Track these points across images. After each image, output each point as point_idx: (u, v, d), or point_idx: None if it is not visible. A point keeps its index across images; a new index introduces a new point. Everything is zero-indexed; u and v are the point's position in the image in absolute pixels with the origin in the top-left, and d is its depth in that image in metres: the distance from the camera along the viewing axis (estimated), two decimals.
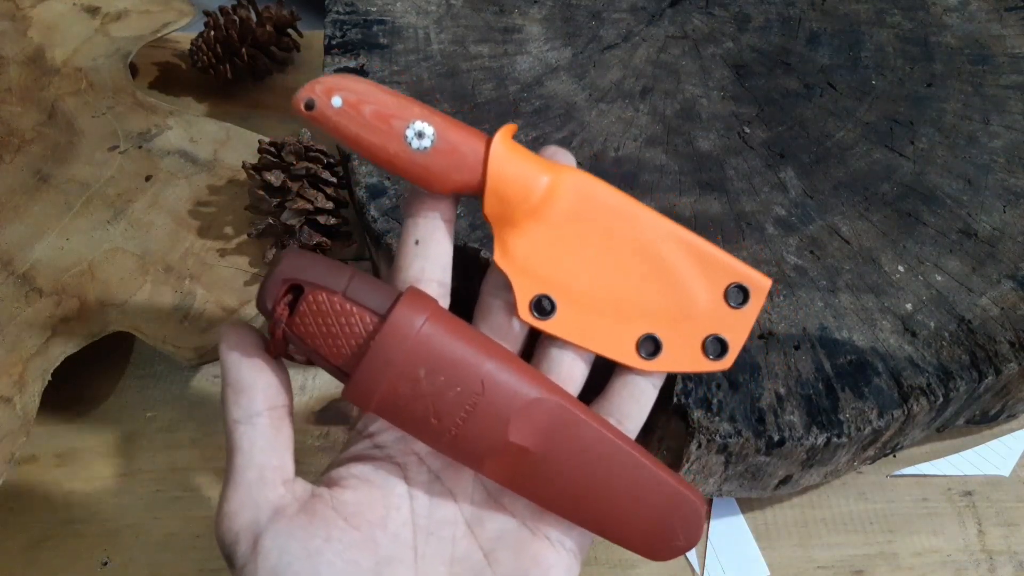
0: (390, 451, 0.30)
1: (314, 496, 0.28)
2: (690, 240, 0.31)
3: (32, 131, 0.53)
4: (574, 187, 0.31)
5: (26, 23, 0.59)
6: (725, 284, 0.31)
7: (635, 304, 0.31)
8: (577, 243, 0.31)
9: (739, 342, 0.31)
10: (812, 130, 0.45)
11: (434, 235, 0.30)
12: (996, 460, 0.47)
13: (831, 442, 0.35)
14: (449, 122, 0.30)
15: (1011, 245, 0.40)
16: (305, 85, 0.29)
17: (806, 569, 0.43)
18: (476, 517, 0.30)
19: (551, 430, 0.28)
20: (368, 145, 0.29)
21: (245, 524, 0.27)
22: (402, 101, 0.29)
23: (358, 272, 0.28)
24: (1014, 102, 0.46)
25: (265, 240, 0.48)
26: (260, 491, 0.27)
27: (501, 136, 0.30)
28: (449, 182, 0.29)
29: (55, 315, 0.45)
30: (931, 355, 0.37)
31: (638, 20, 0.50)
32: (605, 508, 0.29)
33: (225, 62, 0.61)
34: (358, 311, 0.27)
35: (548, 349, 0.31)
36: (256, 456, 0.27)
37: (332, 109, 0.29)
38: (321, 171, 0.48)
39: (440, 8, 0.50)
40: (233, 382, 0.28)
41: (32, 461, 0.46)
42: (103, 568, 0.43)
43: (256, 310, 0.46)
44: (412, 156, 0.29)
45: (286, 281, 0.27)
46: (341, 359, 0.27)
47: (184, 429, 0.48)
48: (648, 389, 0.32)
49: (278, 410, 0.28)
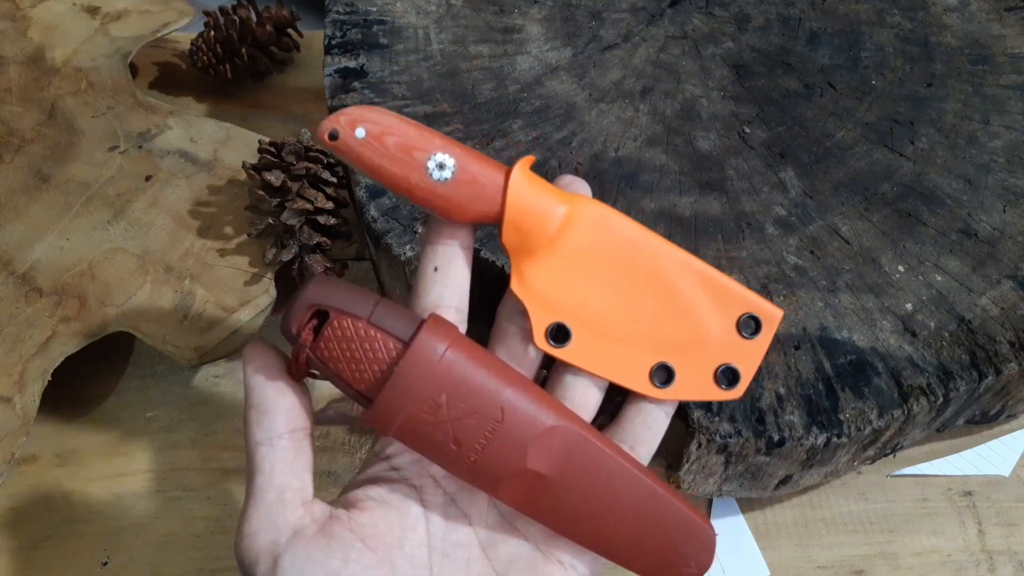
0: (406, 473, 0.30)
1: (332, 517, 0.28)
2: (703, 270, 0.32)
3: (32, 131, 0.53)
4: (590, 218, 0.31)
5: (26, 23, 0.59)
6: (738, 314, 0.32)
7: (649, 333, 0.31)
8: (592, 272, 0.31)
9: (751, 372, 0.32)
10: (812, 130, 0.45)
11: (453, 263, 0.31)
12: (996, 460, 0.47)
13: (831, 442, 0.35)
14: (469, 153, 0.30)
15: (1011, 245, 0.40)
16: (330, 116, 0.30)
17: (806, 569, 0.43)
18: (490, 540, 0.31)
19: (567, 457, 0.28)
20: (390, 175, 0.30)
21: (265, 545, 0.27)
22: (424, 133, 0.30)
23: (383, 299, 0.28)
24: (1014, 102, 0.46)
25: (265, 240, 0.48)
26: (280, 512, 0.27)
27: (520, 168, 0.30)
28: (468, 212, 0.30)
29: (55, 315, 0.45)
30: (931, 355, 0.37)
31: (638, 20, 0.50)
32: (618, 534, 0.29)
33: (225, 62, 0.61)
34: (382, 337, 0.27)
35: (563, 376, 0.32)
36: (276, 478, 0.28)
37: (355, 140, 0.29)
38: (321, 171, 0.48)
39: (440, 8, 0.50)
40: (256, 404, 0.28)
41: (32, 461, 0.46)
42: (103, 568, 0.43)
43: (254, 312, 0.46)
44: (433, 187, 0.30)
45: (312, 307, 0.27)
46: (364, 384, 0.27)
47: (184, 429, 0.48)
48: (660, 417, 0.32)
49: (298, 432, 0.28)
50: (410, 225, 0.40)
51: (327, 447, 0.46)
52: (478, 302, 0.34)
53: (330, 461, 0.46)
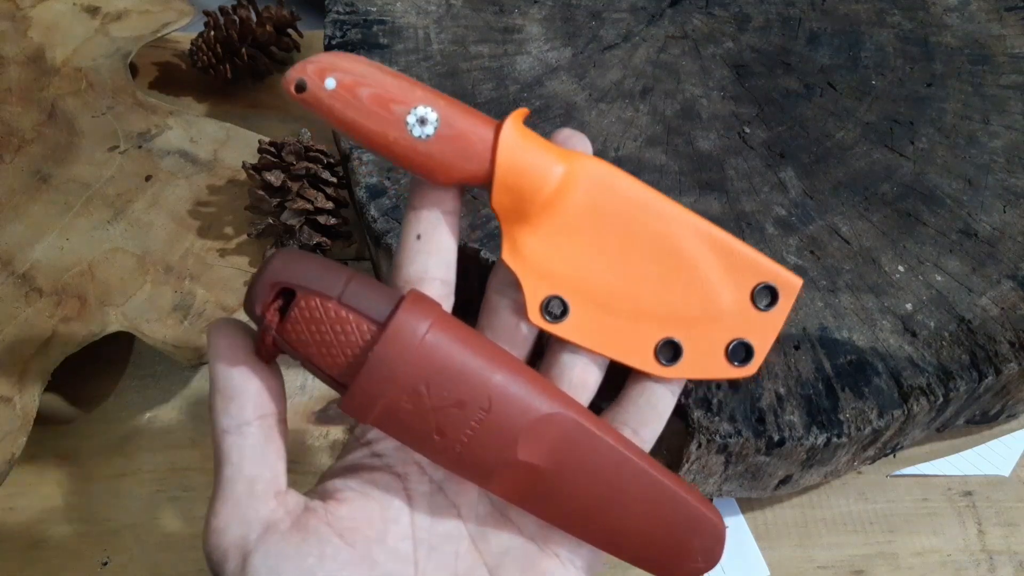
0: (389, 460, 0.29)
1: (307, 510, 0.26)
2: (716, 235, 0.29)
3: (32, 131, 0.53)
4: (591, 177, 0.28)
5: (26, 23, 0.59)
6: (752, 284, 0.29)
7: (655, 306, 0.29)
8: (593, 239, 0.28)
9: (765, 347, 0.29)
10: (812, 130, 0.45)
11: (437, 229, 0.28)
12: (996, 460, 0.47)
13: (831, 442, 0.35)
14: (455, 106, 0.27)
15: (1011, 245, 0.40)
16: (296, 64, 0.27)
17: (806, 569, 0.43)
18: (481, 532, 0.29)
19: (563, 446, 0.27)
20: (365, 131, 0.27)
21: (234, 541, 0.25)
22: (403, 83, 0.27)
23: (356, 274, 0.26)
24: (1014, 102, 0.46)
25: (265, 240, 0.48)
26: (250, 505, 0.25)
27: (512, 122, 0.27)
28: (454, 172, 0.27)
29: (55, 315, 0.45)
30: (931, 355, 0.37)
31: (638, 20, 0.50)
32: (620, 527, 0.28)
33: (225, 62, 0.61)
34: (355, 318, 0.25)
35: (559, 354, 0.30)
36: (245, 468, 0.25)
37: (325, 91, 0.26)
38: (321, 171, 0.48)
39: (440, 8, 0.50)
40: (221, 388, 0.26)
41: (32, 461, 0.46)
42: (103, 568, 0.43)
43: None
44: (414, 144, 0.27)
45: (276, 285, 0.25)
46: (337, 369, 0.25)
47: (184, 429, 0.48)
48: (666, 396, 0.30)
49: (269, 418, 0.26)
50: None
51: (327, 447, 0.46)
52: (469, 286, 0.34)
53: (330, 461, 0.46)
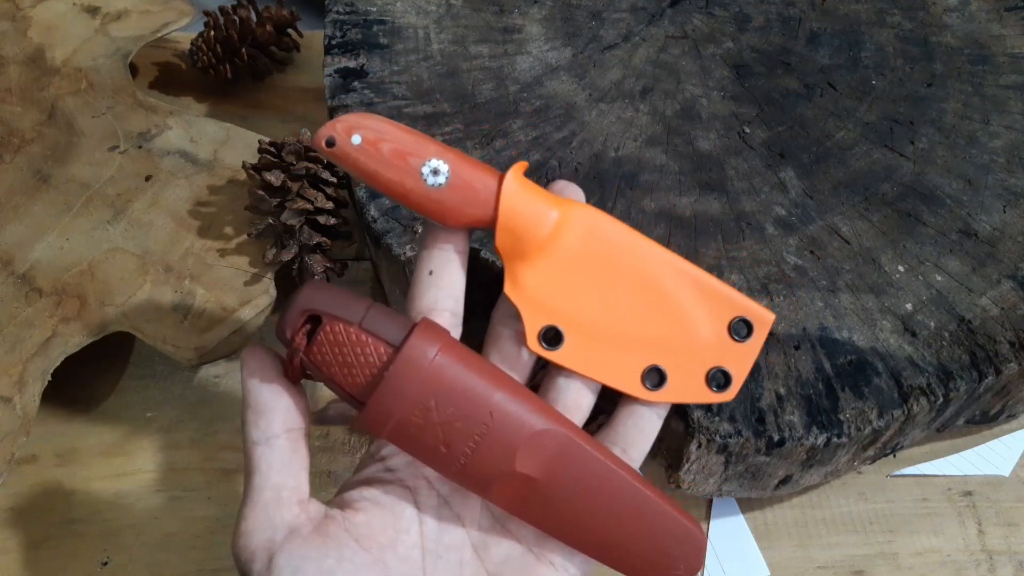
0: (401, 475, 0.31)
1: (327, 517, 0.29)
2: (695, 274, 0.32)
3: (32, 131, 0.53)
4: (582, 222, 0.32)
5: (26, 23, 0.59)
6: (729, 318, 0.32)
7: (641, 336, 0.32)
8: (585, 276, 0.32)
9: (742, 374, 0.32)
10: (812, 130, 0.45)
11: (447, 266, 0.32)
12: (996, 460, 0.47)
13: (831, 442, 0.35)
14: (463, 159, 0.31)
15: (1011, 245, 0.40)
16: (327, 123, 0.30)
17: (806, 569, 0.43)
18: (483, 542, 0.31)
19: (557, 460, 0.29)
20: (386, 181, 0.30)
21: (261, 543, 0.27)
22: (419, 139, 0.31)
23: (375, 304, 0.29)
24: (1014, 102, 0.46)
25: (265, 240, 0.48)
26: (276, 511, 0.28)
27: (513, 174, 0.31)
28: (463, 216, 0.31)
29: (55, 315, 0.45)
30: (931, 355, 0.37)
31: (638, 20, 0.50)
32: (607, 536, 0.30)
33: (225, 62, 0.61)
34: (373, 342, 0.28)
35: (556, 378, 0.32)
36: (273, 477, 0.28)
37: (352, 147, 0.30)
38: (321, 171, 0.48)
39: (440, 8, 0.50)
40: (253, 404, 0.28)
41: (32, 461, 0.46)
42: (103, 568, 0.43)
43: (254, 312, 0.46)
44: (427, 192, 0.30)
45: (305, 312, 0.28)
46: (356, 388, 0.28)
47: (184, 429, 0.48)
48: (652, 419, 0.33)
49: (295, 432, 0.29)
50: (410, 225, 0.40)
51: (327, 447, 0.46)
52: (480, 302, 0.34)
53: (330, 461, 0.46)
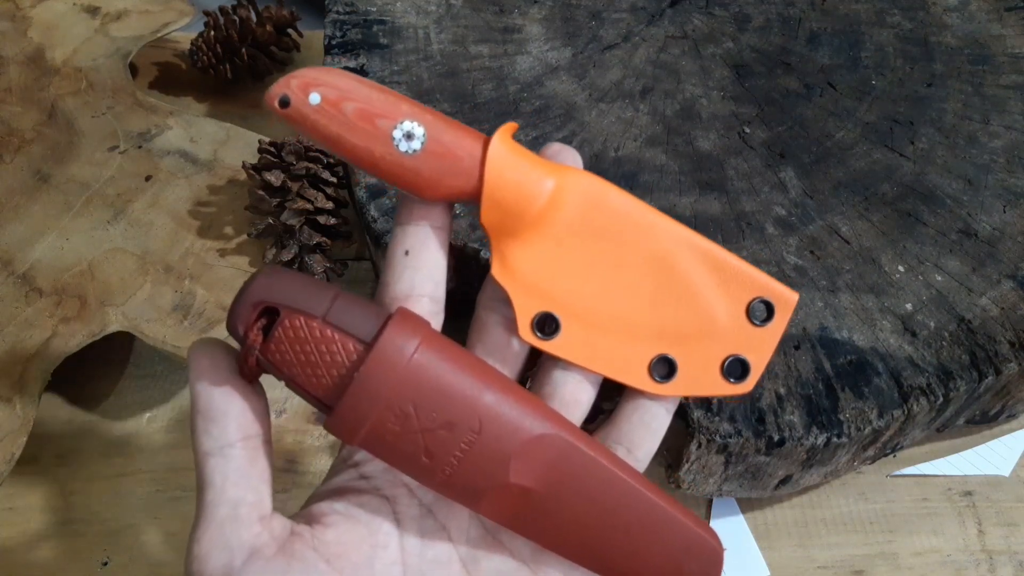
0: (377, 483, 0.28)
1: (293, 535, 0.26)
2: (710, 250, 0.28)
3: (32, 131, 0.53)
4: (581, 192, 0.28)
5: (26, 23, 0.59)
6: (748, 299, 0.28)
7: (648, 322, 0.28)
8: (584, 254, 0.28)
9: (762, 363, 0.29)
10: (812, 130, 0.45)
11: (425, 245, 0.28)
12: (996, 460, 0.47)
13: (831, 442, 0.35)
14: (442, 121, 0.27)
15: (1011, 245, 0.40)
16: (280, 79, 0.26)
17: (806, 569, 0.43)
18: (472, 556, 0.28)
19: (556, 468, 0.26)
20: (351, 147, 0.26)
21: (217, 568, 0.24)
22: (388, 98, 0.27)
23: (342, 293, 0.25)
24: (1014, 102, 0.46)
25: (265, 240, 0.48)
26: (233, 530, 0.24)
27: (500, 136, 0.27)
28: (442, 188, 0.27)
29: (55, 315, 0.45)
30: (931, 355, 0.37)
31: (638, 20, 0.50)
32: (614, 550, 0.27)
33: (225, 62, 0.61)
34: (340, 338, 0.24)
35: (551, 371, 0.29)
36: (229, 491, 0.25)
37: (309, 107, 0.26)
38: (321, 171, 0.48)
39: (440, 8, 0.50)
40: (203, 410, 0.25)
41: (32, 461, 0.46)
42: (103, 568, 0.43)
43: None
44: (400, 159, 0.26)
45: (259, 304, 0.24)
46: (322, 390, 0.24)
47: (184, 429, 0.48)
48: (661, 415, 0.29)
49: (253, 440, 0.25)
50: None
51: (327, 447, 0.46)
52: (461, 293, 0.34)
53: (330, 461, 0.46)
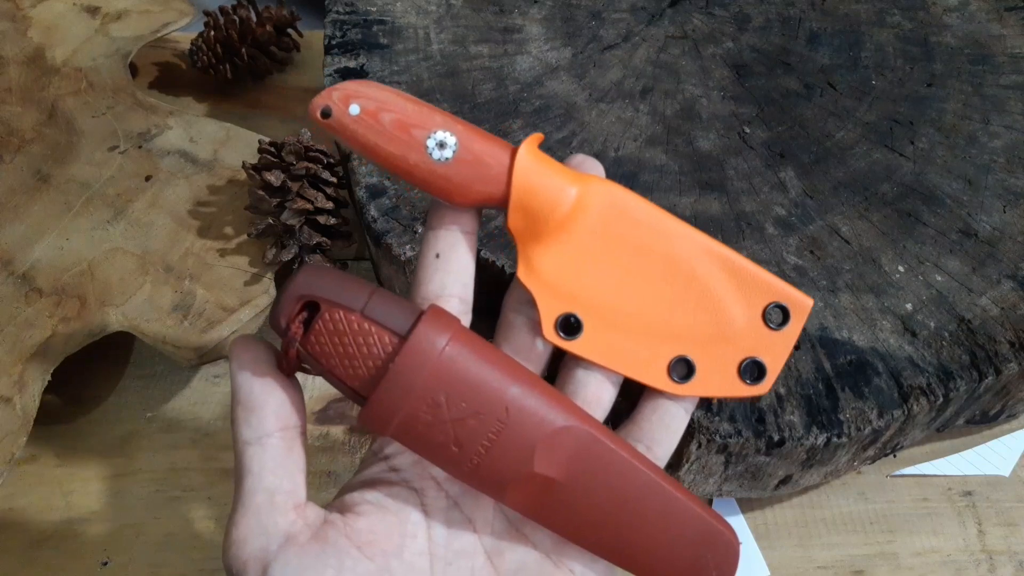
0: (406, 475, 0.29)
1: (326, 522, 0.27)
2: (727, 256, 0.30)
3: (32, 131, 0.53)
4: (603, 199, 0.29)
5: (26, 23, 0.59)
6: (764, 304, 0.30)
7: (667, 324, 0.30)
8: (606, 259, 0.30)
9: (778, 365, 0.30)
10: (812, 130, 0.45)
11: (455, 248, 0.29)
12: (996, 460, 0.47)
13: (831, 442, 0.35)
14: (472, 131, 0.29)
15: (1011, 245, 0.40)
16: (322, 92, 0.28)
17: (806, 569, 0.43)
18: (496, 547, 0.29)
19: (579, 459, 0.27)
20: (387, 155, 0.28)
21: (254, 552, 0.25)
22: (423, 109, 0.28)
23: (378, 289, 0.26)
24: (1014, 102, 0.46)
25: (265, 240, 0.48)
26: (270, 516, 0.26)
27: (527, 146, 0.28)
28: (471, 194, 0.28)
29: (55, 315, 0.45)
30: (931, 355, 0.37)
31: (638, 20, 0.50)
32: (634, 541, 0.28)
33: (225, 62, 0.61)
34: (377, 331, 0.26)
35: (574, 370, 0.30)
36: (266, 479, 0.26)
37: (349, 117, 0.28)
38: (321, 171, 0.48)
39: (440, 8, 0.50)
40: (243, 401, 0.26)
41: (32, 461, 0.46)
42: (103, 568, 0.43)
43: (254, 312, 0.46)
44: (433, 167, 0.28)
45: (301, 298, 0.26)
46: (358, 381, 0.26)
47: (184, 429, 0.48)
48: (680, 414, 0.30)
49: (290, 431, 0.27)
50: (410, 225, 0.40)
51: (327, 447, 0.46)
52: (483, 299, 0.34)
53: (330, 461, 0.46)
